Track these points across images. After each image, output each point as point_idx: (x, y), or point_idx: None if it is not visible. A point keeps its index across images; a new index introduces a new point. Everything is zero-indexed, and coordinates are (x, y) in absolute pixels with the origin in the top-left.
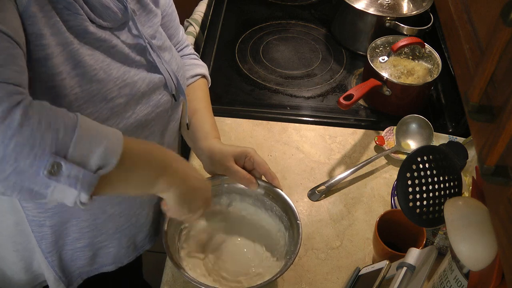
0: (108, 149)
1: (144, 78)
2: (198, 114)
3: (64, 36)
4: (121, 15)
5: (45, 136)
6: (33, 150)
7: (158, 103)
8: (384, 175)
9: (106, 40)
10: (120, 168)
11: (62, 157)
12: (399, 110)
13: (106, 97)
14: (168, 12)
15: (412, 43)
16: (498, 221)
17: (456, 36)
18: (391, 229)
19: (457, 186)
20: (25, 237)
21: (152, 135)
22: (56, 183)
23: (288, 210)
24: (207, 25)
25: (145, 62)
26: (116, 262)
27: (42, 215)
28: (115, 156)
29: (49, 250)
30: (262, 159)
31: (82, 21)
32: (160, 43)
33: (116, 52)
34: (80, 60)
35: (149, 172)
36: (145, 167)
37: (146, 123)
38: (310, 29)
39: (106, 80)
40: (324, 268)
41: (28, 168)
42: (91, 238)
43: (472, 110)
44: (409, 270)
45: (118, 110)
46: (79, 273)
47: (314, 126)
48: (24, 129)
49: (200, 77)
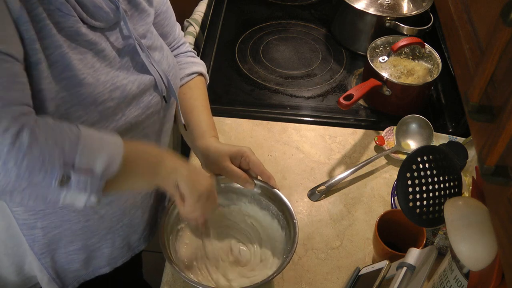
0: (110, 154)
1: (134, 80)
2: (195, 112)
3: (53, 39)
4: (113, 15)
5: (53, 152)
6: (44, 166)
7: (148, 104)
8: (384, 175)
9: (96, 43)
10: (122, 168)
11: (70, 168)
12: (399, 110)
13: (96, 100)
14: (163, 10)
15: (412, 43)
16: (498, 221)
17: (456, 36)
18: (391, 229)
19: (457, 186)
20: (16, 241)
21: (145, 137)
22: (67, 190)
23: (284, 209)
24: (207, 25)
25: (135, 63)
26: (111, 264)
27: (33, 217)
28: (118, 158)
29: (42, 252)
30: (257, 159)
31: (75, 23)
32: (150, 42)
33: (105, 55)
34: (68, 64)
35: (148, 165)
36: (143, 162)
37: (136, 125)
38: (310, 29)
39: (95, 84)
40: (324, 268)
41: (41, 181)
42: (84, 240)
43: (472, 110)
44: (409, 270)
45: (108, 113)
46: (74, 276)
47: (314, 126)
48: (33, 148)
49: (197, 75)
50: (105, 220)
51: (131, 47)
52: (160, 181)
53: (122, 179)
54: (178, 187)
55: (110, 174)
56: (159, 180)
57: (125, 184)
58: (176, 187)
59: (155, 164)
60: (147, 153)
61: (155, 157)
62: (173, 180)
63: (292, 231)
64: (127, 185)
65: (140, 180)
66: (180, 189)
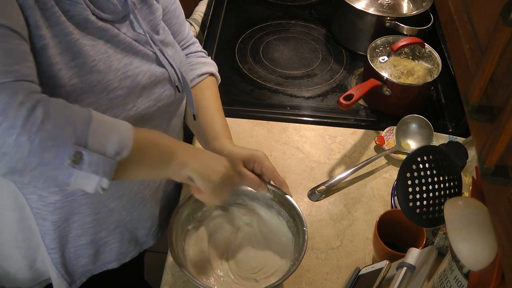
0: (121, 137)
1: (146, 71)
2: (208, 114)
3: (62, 27)
4: (121, 7)
5: (65, 130)
6: (56, 143)
7: (160, 97)
8: (384, 175)
9: (108, 29)
10: (133, 153)
11: (82, 147)
12: (399, 110)
13: (106, 88)
14: (171, 9)
15: (412, 43)
16: (498, 221)
17: (456, 36)
18: (391, 229)
19: (457, 186)
20: (29, 234)
21: (154, 129)
22: (79, 171)
23: (295, 216)
24: (207, 25)
25: (147, 55)
26: (119, 259)
27: (44, 209)
28: (129, 142)
29: (52, 246)
30: (271, 164)
31: (83, 10)
32: (162, 37)
33: (119, 42)
34: (78, 51)
35: (160, 154)
36: (155, 151)
37: (147, 116)
38: (310, 29)
39: (106, 71)
40: (324, 268)
41: (53, 159)
42: (93, 234)
43: (472, 110)
44: (409, 270)
45: (118, 101)
46: (82, 271)
47: (314, 126)
48: (46, 124)
49: (208, 75)
50: (114, 213)
51: (143, 40)
52: (171, 173)
53: (133, 165)
54: (192, 180)
55: (122, 156)
56: (170, 172)
57: (135, 172)
58: (190, 180)
59: (167, 155)
60: (159, 143)
61: (168, 147)
62: (185, 175)
63: (301, 238)
64: (137, 172)
65: (150, 169)
66: (195, 182)
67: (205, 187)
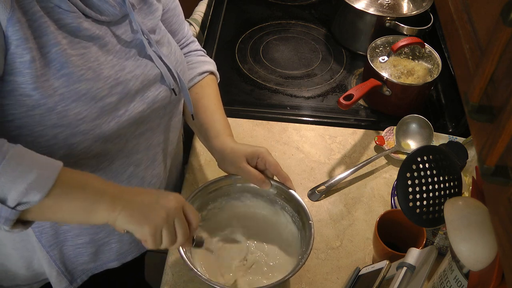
0: (32, 184)
1: (139, 75)
2: (208, 112)
3: (50, 37)
4: (119, 8)
5: None
6: None
7: (155, 99)
8: (384, 175)
9: (100, 37)
10: (50, 198)
11: None
12: (399, 110)
13: (96, 96)
14: (171, 7)
15: (412, 43)
16: (498, 221)
17: (456, 36)
18: (391, 229)
19: (457, 186)
20: (24, 236)
21: (150, 131)
22: None
23: (300, 210)
24: (207, 25)
25: (141, 57)
26: (120, 259)
27: None
28: (41, 191)
29: (50, 244)
30: (274, 160)
31: (75, 18)
32: (158, 37)
33: (110, 49)
34: (66, 61)
35: (83, 200)
36: (78, 196)
37: (140, 120)
38: (310, 29)
39: (95, 80)
40: (324, 268)
41: None
42: (92, 235)
43: (472, 110)
44: (409, 270)
45: (109, 108)
46: (82, 269)
47: (314, 126)
48: None
49: (208, 74)
50: None
51: (138, 41)
52: (99, 221)
53: (47, 209)
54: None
55: (25, 207)
56: (97, 219)
57: (50, 215)
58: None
59: (90, 203)
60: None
61: (93, 192)
62: (121, 225)
63: (307, 232)
64: (52, 216)
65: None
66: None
67: (143, 236)
